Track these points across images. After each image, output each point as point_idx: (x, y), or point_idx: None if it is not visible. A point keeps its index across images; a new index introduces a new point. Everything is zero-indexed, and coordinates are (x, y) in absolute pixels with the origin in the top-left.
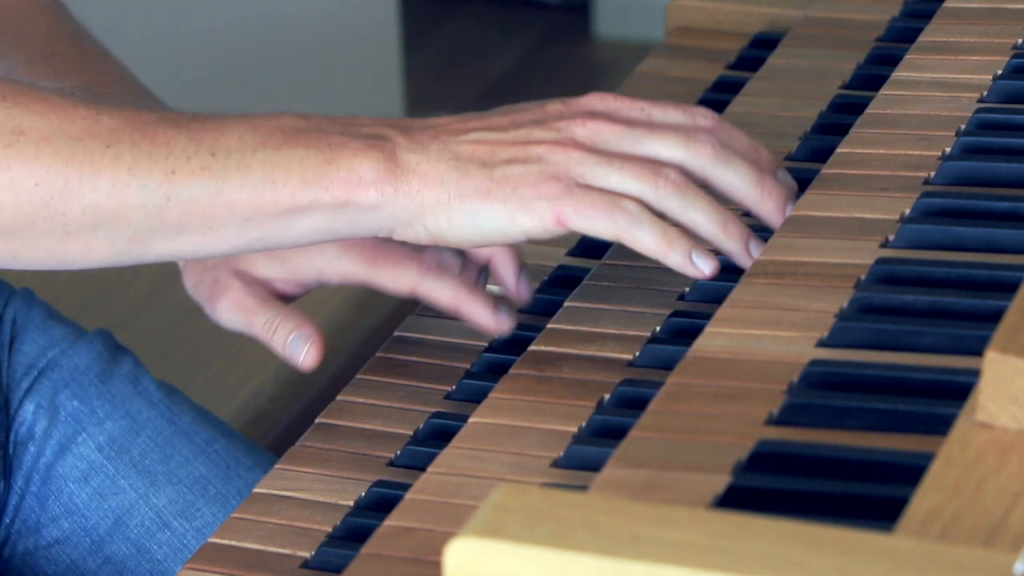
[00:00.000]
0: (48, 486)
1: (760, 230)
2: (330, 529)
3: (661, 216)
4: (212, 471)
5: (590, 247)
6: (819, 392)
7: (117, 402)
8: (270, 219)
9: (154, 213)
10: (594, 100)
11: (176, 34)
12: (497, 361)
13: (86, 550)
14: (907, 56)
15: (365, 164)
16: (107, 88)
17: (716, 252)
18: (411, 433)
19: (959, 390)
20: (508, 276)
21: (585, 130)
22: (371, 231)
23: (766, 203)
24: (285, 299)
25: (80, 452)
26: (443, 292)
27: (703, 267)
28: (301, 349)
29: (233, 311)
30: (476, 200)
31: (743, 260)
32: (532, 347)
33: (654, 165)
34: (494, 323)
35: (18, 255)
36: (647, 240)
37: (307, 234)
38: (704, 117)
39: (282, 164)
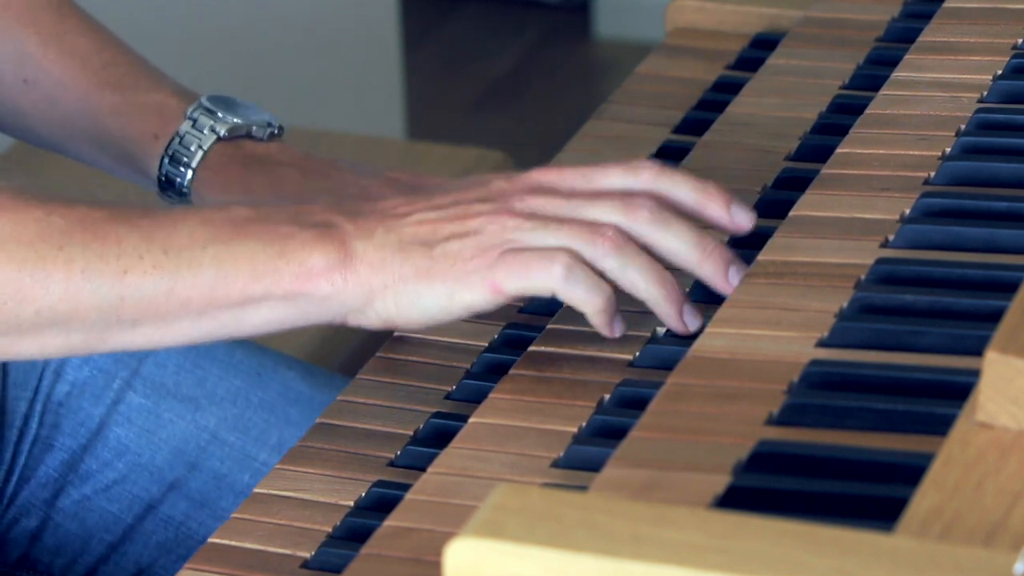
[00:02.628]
0: (93, 435)
1: (763, 231)
2: (330, 529)
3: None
4: (247, 382)
5: None
6: (819, 392)
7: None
8: (223, 312)
9: (108, 311)
10: (536, 176)
11: (176, 34)
12: (497, 361)
13: (148, 482)
14: (907, 56)
15: (315, 255)
16: (130, 68)
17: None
18: (411, 433)
19: (959, 390)
20: None
21: (523, 203)
22: (324, 319)
23: (706, 266)
24: None
25: (115, 397)
26: None
27: (618, 331)
28: None
29: None
30: (416, 281)
31: (674, 324)
32: (532, 347)
33: (592, 225)
34: None
35: None
36: (579, 293)
37: (261, 325)
38: (646, 170)
39: (231, 260)
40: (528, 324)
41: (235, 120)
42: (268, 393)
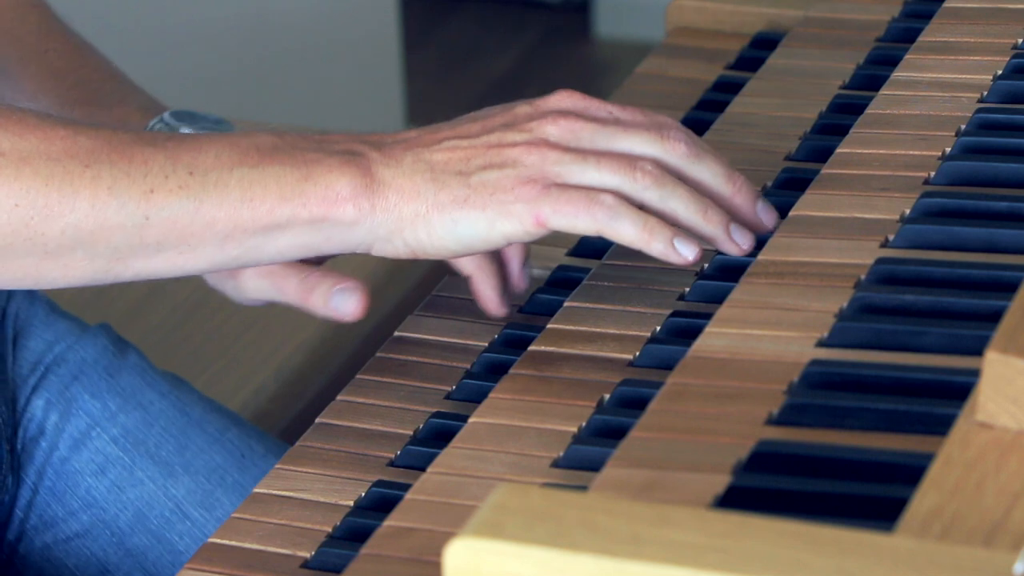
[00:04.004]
0: (64, 481)
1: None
2: (330, 529)
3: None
4: (228, 460)
5: (590, 247)
6: (819, 392)
7: (128, 395)
8: (248, 236)
9: (133, 232)
10: (561, 98)
11: (176, 34)
12: (497, 361)
13: (107, 542)
14: (907, 56)
15: (342, 180)
16: (101, 85)
17: (717, 253)
18: (411, 433)
19: (959, 390)
20: (514, 263)
21: (557, 128)
22: (349, 246)
23: (737, 198)
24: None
25: (95, 446)
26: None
27: (686, 252)
28: (347, 301)
29: (260, 277)
30: (454, 209)
31: (726, 246)
32: (532, 347)
33: (630, 159)
34: None
35: None
36: (628, 231)
37: (285, 250)
38: (668, 121)
39: (259, 181)
40: (528, 324)
41: (192, 131)
42: (245, 477)
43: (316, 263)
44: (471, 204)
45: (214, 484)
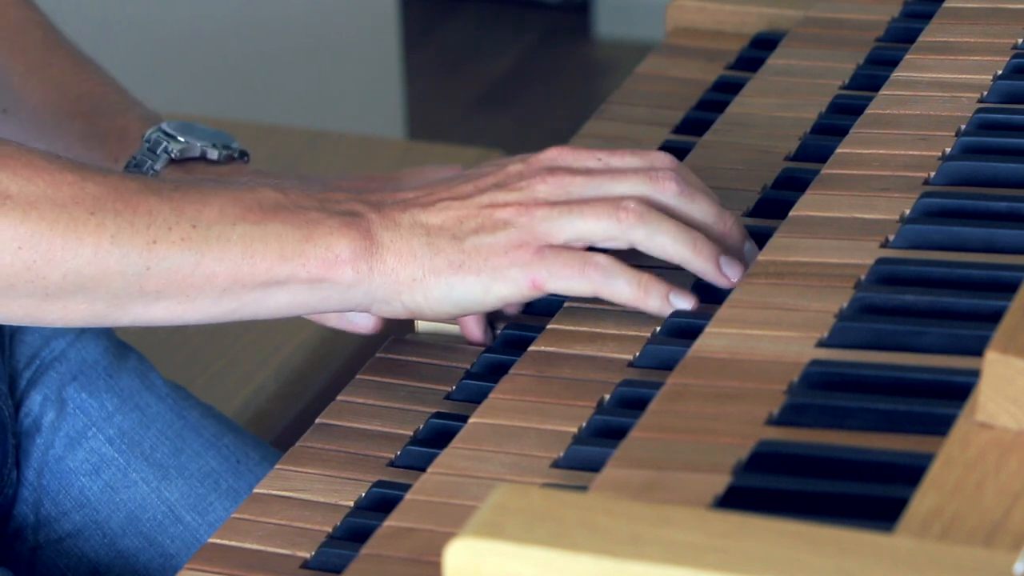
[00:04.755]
0: (59, 479)
1: (763, 231)
2: (330, 529)
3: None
4: (223, 465)
5: (589, 247)
6: (819, 392)
7: (126, 396)
8: (247, 291)
9: (133, 280)
10: (552, 154)
11: (176, 34)
12: (497, 361)
13: (98, 544)
14: (907, 56)
15: (342, 242)
16: (103, 97)
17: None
18: (411, 433)
19: (959, 390)
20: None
21: (547, 186)
22: (347, 306)
23: (728, 238)
24: None
25: (90, 446)
26: None
27: (683, 306)
28: (363, 315)
29: None
30: (450, 275)
31: (718, 279)
32: (532, 347)
33: (613, 201)
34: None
35: None
36: (623, 290)
37: (282, 307)
38: (661, 157)
39: (261, 239)
40: (528, 324)
41: (188, 143)
42: (239, 483)
43: None
44: (466, 269)
45: (208, 489)
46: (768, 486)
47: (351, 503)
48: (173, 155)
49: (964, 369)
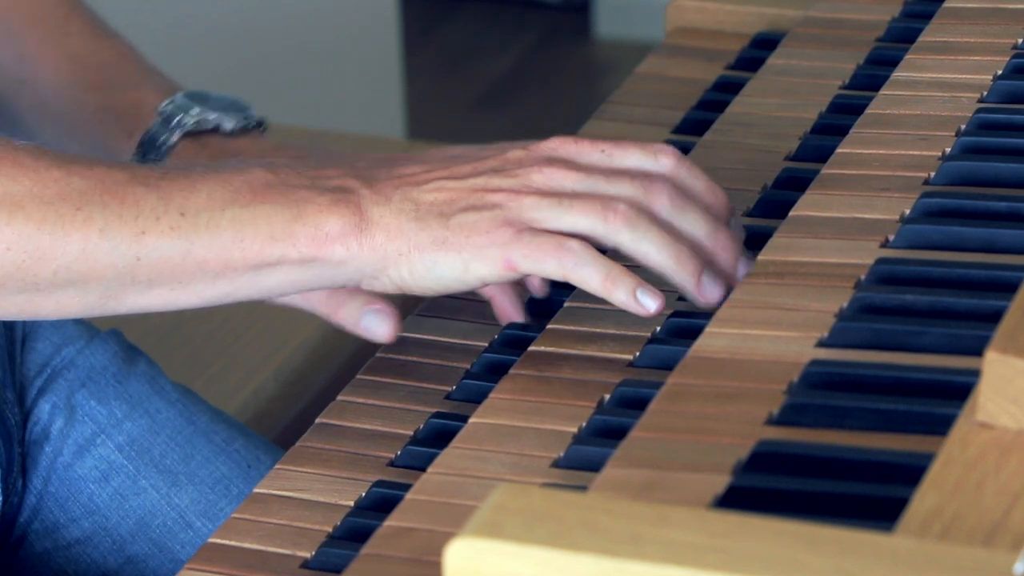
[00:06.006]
0: (67, 487)
1: (763, 231)
2: (330, 529)
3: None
4: (233, 471)
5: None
6: (819, 392)
7: (135, 402)
8: (239, 274)
9: (124, 272)
10: (555, 145)
11: (176, 33)
12: (497, 361)
13: (107, 550)
14: (907, 56)
15: (331, 220)
16: (118, 68)
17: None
18: (411, 433)
19: (959, 390)
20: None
21: (542, 176)
22: (338, 283)
23: (718, 255)
24: None
25: (100, 453)
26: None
27: (648, 304)
28: (380, 324)
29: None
30: (433, 251)
31: (696, 296)
32: (532, 347)
33: (604, 200)
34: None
35: None
36: (592, 278)
37: (275, 287)
38: (666, 156)
39: (250, 222)
40: (528, 324)
41: (202, 114)
42: (250, 488)
43: None
44: (448, 246)
45: (219, 495)
46: (768, 486)
47: (351, 503)
48: (188, 128)
49: (964, 369)
